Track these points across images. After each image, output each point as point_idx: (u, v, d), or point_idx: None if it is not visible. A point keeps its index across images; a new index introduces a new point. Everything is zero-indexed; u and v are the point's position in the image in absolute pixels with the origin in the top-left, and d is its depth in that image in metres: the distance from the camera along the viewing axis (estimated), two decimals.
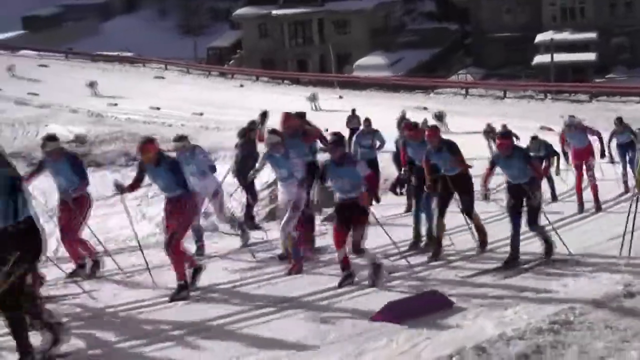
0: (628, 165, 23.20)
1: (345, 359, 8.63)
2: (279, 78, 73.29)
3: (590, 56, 68.35)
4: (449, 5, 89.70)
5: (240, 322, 10.76)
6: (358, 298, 11.66)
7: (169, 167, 12.86)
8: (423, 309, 10.35)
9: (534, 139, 26.33)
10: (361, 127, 24.89)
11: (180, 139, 16.96)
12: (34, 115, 49.46)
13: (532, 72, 68.40)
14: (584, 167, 20.41)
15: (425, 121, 33.74)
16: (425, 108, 48.90)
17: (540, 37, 70.59)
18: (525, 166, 13.83)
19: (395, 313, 10.18)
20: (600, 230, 16.74)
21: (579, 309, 10.05)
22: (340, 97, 58.86)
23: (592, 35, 69.75)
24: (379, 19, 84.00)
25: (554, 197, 24.11)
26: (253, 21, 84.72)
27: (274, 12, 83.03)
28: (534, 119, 30.02)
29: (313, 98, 54.34)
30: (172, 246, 12.50)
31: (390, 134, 23.66)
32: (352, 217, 12.57)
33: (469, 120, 39.92)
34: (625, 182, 22.91)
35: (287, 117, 16.15)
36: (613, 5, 72.11)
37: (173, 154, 15.41)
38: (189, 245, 15.10)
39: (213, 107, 53.33)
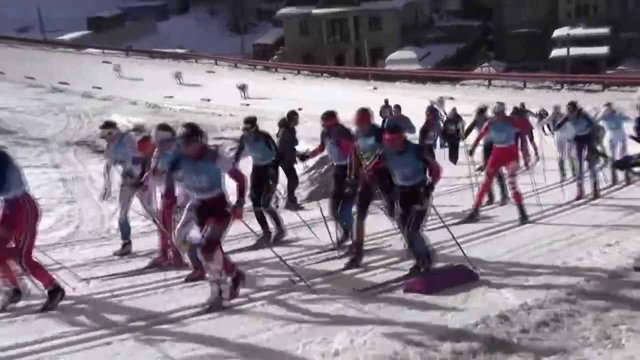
0: (585, 165, 18.50)
1: (381, 326, 8.64)
2: (318, 71, 73.28)
3: (603, 49, 68.27)
4: (473, 4, 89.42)
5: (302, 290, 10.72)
6: (391, 272, 11.55)
7: None
8: (451, 281, 10.35)
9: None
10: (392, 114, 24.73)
11: (107, 125, 14.51)
12: (99, 107, 49.71)
13: (549, 64, 68.16)
14: (505, 171, 16.28)
15: (454, 109, 33.36)
16: (452, 98, 48.69)
17: (557, 33, 70.54)
18: (419, 165, 11.10)
19: (426, 285, 10.18)
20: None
21: (594, 281, 10.03)
22: (375, 88, 58.66)
23: (604, 30, 69.72)
24: (409, 17, 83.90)
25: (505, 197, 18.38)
26: (294, 20, 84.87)
27: (314, 11, 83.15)
28: (551, 107, 29.86)
29: (441, 102, 42.68)
30: (25, 260, 10.21)
31: (419, 121, 23.56)
32: (209, 217, 10.02)
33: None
34: (580, 185, 18.25)
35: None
36: (624, 2, 71.75)
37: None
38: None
39: (259, 98, 53.44)
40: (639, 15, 71.12)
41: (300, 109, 26.02)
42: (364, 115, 12.73)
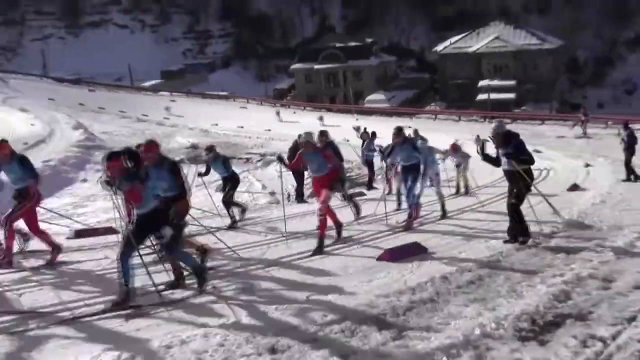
0: (403, 195, 14.01)
1: (360, 284, 8.70)
2: (318, 108, 73.22)
3: (511, 95, 68.99)
4: (424, 62, 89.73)
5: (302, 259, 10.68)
6: (366, 248, 11.59)
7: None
8: (409, 253, 10.38)
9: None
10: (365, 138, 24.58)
11: None
12: (168, 131, 49.63)
13: (476, 104, 68.43)
14: (323, 196, 11.42)
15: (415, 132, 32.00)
16: (409, 127, 48.66)
17: (481, 83, 71.00)
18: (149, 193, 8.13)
19: (392, 255, 10.22)
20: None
21: (505, 253, 10.12)
22: (357, 119, 58.63)
23: (512, 82, 70.53)
24: (381, 71, 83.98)
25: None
26: (302, 72, 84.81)
27: (315, 66, 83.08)
28: (477, 134, 30.10)
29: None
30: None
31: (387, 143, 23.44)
32: None
33: (439, 134, 39.81)
34: (410, 215, 13.27)
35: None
36: (525, 65, 72.47)
37: None
38: None
39: (277, 126, 53.42)
40: (535, 73, 72.38)
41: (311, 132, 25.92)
42: (150, 146, 9.35)
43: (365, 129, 37.92)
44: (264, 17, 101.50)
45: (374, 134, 24.68)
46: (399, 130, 13.53)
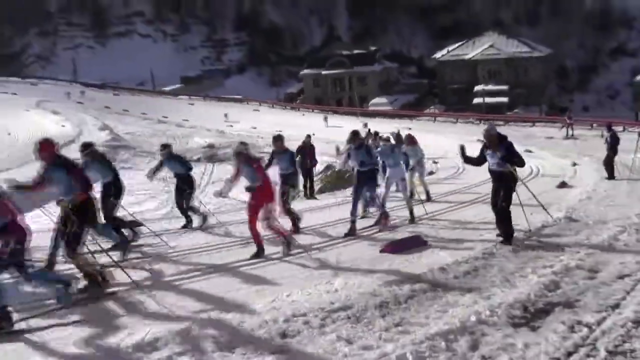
0: (360, 202, 12.44)
1: (365, 273, 8.69)
2: (325, 110, 73.28)
3: (504, 99, 68.86)
4: (424, 69, 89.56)
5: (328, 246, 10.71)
6: (370, 240, 11.56)
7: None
8: (410, 245, 10.34)
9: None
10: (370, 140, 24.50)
11: None
12: (186, 132, 49.77)
13: (472, 108, 68.30)
14: (264, 211, 9.98)
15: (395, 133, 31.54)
16: (409, 128, 48.69)
17: (476, 88, 70.88)
18: (69, 184, 7.66)
19: (394, 248, 10.18)
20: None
21: (498, 245, 10.08)
22: (361, 122, 58.74)
23: (505, 87, 70.48)
24: (384, 76, 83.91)
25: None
26: (310, 78, 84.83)
27: (323, 72, 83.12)
28: (473, 135, 30.03)
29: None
30: None
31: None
32: None
33: (438, 136, 39.87)
34: (353, 222, 11.77)
35: None
36: (517, 71, 72.43)
37: None
38: None
39: (287, 127, 53.34)
40: (526, 78, 72.38)
41: (313, 134, 26.13)
42: (43, 145, 8.20)
43: (369, 129, 37.88)
44: (276, 27, 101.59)
45: (376, 134, 24.58)
46: (354, 135, 11.94)
